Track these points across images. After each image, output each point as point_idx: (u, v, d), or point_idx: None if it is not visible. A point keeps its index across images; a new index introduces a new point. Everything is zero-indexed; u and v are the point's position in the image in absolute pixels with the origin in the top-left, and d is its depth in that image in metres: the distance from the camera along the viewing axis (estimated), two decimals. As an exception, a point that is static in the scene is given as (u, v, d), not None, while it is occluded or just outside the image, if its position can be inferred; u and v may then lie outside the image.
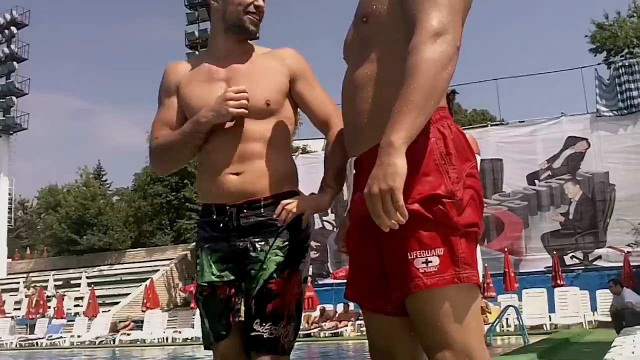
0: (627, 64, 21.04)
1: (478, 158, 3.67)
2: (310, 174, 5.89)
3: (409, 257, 1.63)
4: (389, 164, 1.52)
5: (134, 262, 31.41)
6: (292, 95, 2.28)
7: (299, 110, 2.35)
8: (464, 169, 1.70)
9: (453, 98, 3.86)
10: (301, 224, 2.20)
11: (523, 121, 22.04)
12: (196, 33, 30.87)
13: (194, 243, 30.71)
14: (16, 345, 22.13)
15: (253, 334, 2.14)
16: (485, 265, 13.87)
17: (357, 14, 1.87)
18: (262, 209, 2.17)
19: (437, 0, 1.63)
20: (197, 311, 2.34)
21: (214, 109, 2.13)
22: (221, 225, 2.18)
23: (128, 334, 21.16)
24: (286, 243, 2.18)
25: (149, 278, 25.60)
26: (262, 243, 2.17)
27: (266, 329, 2.13)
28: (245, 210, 2.17)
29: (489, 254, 18.22)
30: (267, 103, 2.18)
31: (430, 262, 1.62)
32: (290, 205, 2.12)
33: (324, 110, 2.28)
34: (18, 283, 30.62)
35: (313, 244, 21.08)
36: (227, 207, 2.17)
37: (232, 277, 2.18)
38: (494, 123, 25.12)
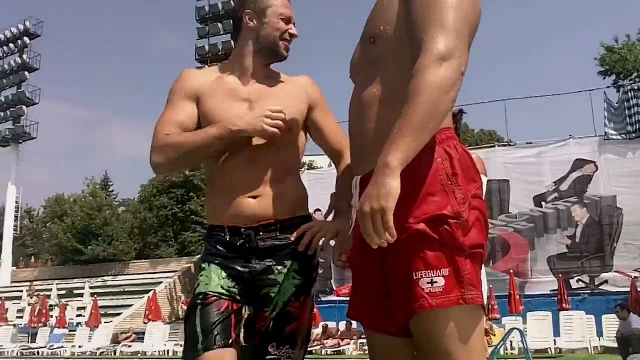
0: (636, 87, 21.05)
1: (485, 179, 3.67)
2: (315, 190, 5.88)
3: (415, 277, 1.62)
4: (383, 184, 1.53)
5: (137, 274, 31.40)
6: (306, 123, 2.32)
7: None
8: (469, 189, 1.70)
9: (461, 118, 3.84)
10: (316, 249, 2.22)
11: (530, 143, 22.05)
12: (206, 47, 31.13)
13: (199, 256, 30.48)
14: (17, 354, 22.13)
15: (269, 357, 2.13)
16: (491, 286, 13.77)
17: (365, 34, 1.87)
18: (277, 232, 2.18)
19: (444, 24, 1.63)
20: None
21: (249, 121, 2.11)
22: (237, 245, 2.16)
23: (129, 346, 21.14)
24: (302, 267, 2.20)
25: (152, 290, 25.61)
26: (280, 266, 2.17)
27: (284, 353, 2.13)
28: (261, 233, 2.16)
29: (495, 276, 18.12)
30: (289, 129, 2.20)
31: (436, 282, 1.61)
32: (314, 229, 2.16)
33: (337, 140, 2.35)
34: (22, 291, 30.67)
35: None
36: (243, 229, 2.16)
37: (238, 298, 2.15)
38: (502, 144, 25.08)
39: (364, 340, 16.74)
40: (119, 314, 26.48)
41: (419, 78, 1.57)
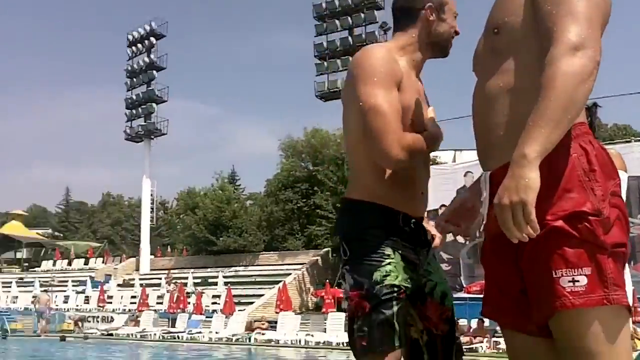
0: None
1: (625, 175, 3.45)
2: (439, 185, 5.84)
3: (554, 276, 1.60)
4: (522, 176, 1.51)
5: (267, 265, 32.27)
6: None
7: None
8: (608, 187, 1.65)
9: (595, 111, 3.60)
10: None
11: (672, 134, 20.41)
12: (324, 44, 31.20)
13: (325, 249, 30.49)
14: (159, 337, 23.52)
15: (458, 341, 2.33)
16: (633, 288, 12.91)
17: (488, 25, 1.85)
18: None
19: (575, 14, 1.59)
20: (330, 315, 2.29)
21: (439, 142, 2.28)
22: (410, 233, 2.20)
23: (263, 334, 21.83)
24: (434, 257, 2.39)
25: (281, 281, 26.29)
26: (433, 257, 2.35)
27: (458, 335, 2.34)
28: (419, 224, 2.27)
29: (636, 277, 16.98)
30: None
31: (578, 281, 1.57)
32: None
33: None
34: (160, 279, 32.51)
35: (445, 256, 20.62)
36: (413, 220, 2.22)
37: (409, 293, 2.17)
38: (638, 138, 23.45)
39: (497, 339, 16.29)
40: (251, 303, 27.39)
41: (553, 67, 1.54)
